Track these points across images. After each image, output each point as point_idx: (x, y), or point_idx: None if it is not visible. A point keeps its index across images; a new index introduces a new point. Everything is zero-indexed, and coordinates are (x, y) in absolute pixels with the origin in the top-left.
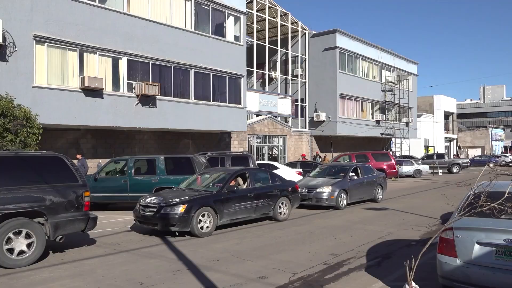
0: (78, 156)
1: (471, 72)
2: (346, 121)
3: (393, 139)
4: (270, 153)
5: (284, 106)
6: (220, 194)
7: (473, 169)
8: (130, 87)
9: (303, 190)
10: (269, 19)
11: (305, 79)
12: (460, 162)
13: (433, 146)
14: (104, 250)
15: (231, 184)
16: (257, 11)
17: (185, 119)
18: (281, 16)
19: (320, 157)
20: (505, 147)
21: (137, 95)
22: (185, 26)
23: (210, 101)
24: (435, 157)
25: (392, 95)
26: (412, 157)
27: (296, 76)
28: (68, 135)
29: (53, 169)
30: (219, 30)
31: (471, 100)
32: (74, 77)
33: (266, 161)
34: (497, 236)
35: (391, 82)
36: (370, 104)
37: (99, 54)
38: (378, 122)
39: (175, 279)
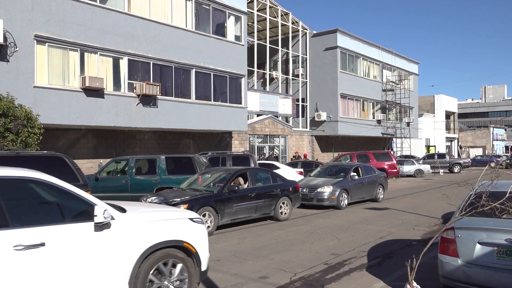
0: None
1: (472, 72)
2: (347, 121)
3: (394, 139)
4: (271, 152)
5: (285, 106)
6: (221, 194)
7: (474, 168)
8: (131, 87)
9: (304, 190)
10: (270, 18)
11: (306, 79)
12: (461, 161)
13: (434, 146)
14: None
15: (232, 184)
16: (257, 10)
17: (186, 119)
18: (282, 15)
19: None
20: (507, 147)
21: (138, 95)
22: (186, 26)
23: (211, 101)
24: (436, 156)
25: (393, 94)
26: (413, 157)
27: (297, 76)
28: (69, 135)
29: (54, 169)
30: (220, 30)
31: (472, 99)
32: (75, 77)
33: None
34: (499, 236)
35: (392, 81)
36: (371, 103)
37: (100, 54)
38: (379, 122)
39: None
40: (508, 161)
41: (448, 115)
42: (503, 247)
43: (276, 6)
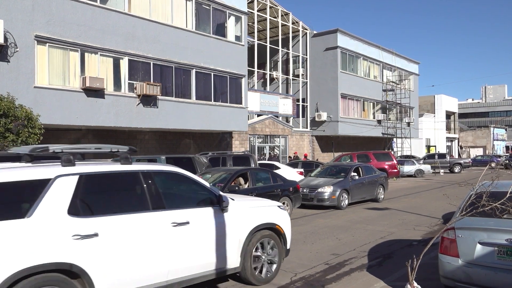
0: None
1: (473, 72)
2: (348, 121)
3: (394, 139)
4: (271, 153)
5: (285, 106)
6: None
7: (474, 168)
8: (131, 87)
9: (305, 190)
10: (270, 19)
11: (306, 79)
12: (461, 162)
13: (435, 146)
14: None
15: (232, 184)
16: (258, 11)
17: (186, 119)
18: (282, 16)
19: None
20: (507, 147)
21: (138, 95)
22: (186, 26)
23: (211, 101)
24: (436, 156)
25: (393, 94)
26: (413, 157)
27: (297, 76)
28: (69, 135)
29: None
30: (220, 30)
31: (472, 99)
32: (76, 77)
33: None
34: (499, 236)
35: (392, 81)
36: (371, 104)
37: (100, 54)
38: (379, 122)
39: None
40: (507, 161)
41: (448, 115)
42: (504, 247)
43: (276, 6)
